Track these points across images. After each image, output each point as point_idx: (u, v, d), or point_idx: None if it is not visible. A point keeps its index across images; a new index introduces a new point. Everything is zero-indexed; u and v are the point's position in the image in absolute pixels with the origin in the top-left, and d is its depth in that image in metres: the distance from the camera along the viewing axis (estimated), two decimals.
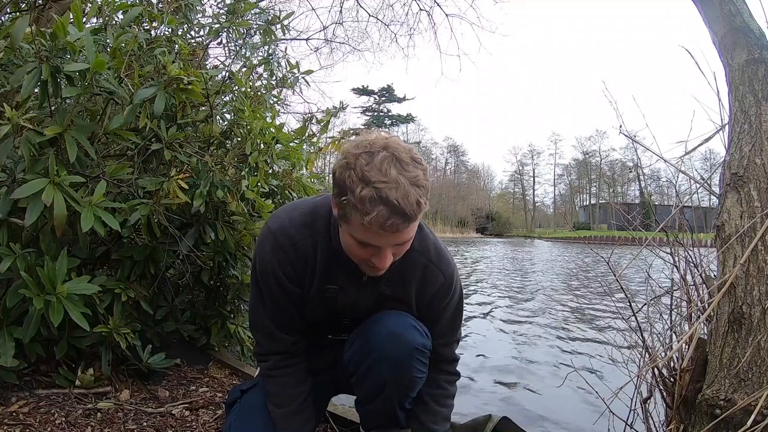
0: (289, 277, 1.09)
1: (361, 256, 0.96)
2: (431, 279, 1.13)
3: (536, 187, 69.19)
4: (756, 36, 1.49)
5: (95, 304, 1.53)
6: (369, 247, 0.93)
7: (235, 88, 1.98)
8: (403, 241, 0.93)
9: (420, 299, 1.15)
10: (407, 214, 0.85)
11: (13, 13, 1.88)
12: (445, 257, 1.14)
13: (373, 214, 0.84)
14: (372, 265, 0.97)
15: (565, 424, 2.24)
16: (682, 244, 1.62)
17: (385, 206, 0.84)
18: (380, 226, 0.85)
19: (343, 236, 0.98)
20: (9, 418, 1.37)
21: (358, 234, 0.91)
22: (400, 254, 0.99)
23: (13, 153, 1.35)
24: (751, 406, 1.05)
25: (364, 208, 0.85)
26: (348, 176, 0.87)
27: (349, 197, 0.86)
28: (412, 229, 0.92)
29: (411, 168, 0.87)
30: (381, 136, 0.91)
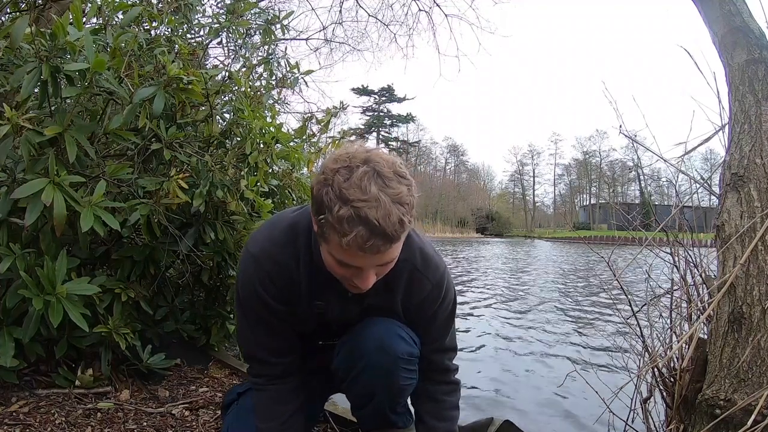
0: (277, 299, 1.05)
1: (342, 275, 0.92)
2: (418, 286, 1.08)
3: (536, 187, 69.25)
4: (756, 36, 1.49)
5: (95, 304, 1.53)
6: (350, 268, 0.88)
7: (234, 88, 1.98)
8: (385, 262, 0.88)
9: (407, 307, 1.12)
10: (388, 234, 0.79)
11: (13, 13, 1.88)
12: (432, 262, 1.09)
13: (352, 235, 0.78)
14: (354, 284, 0.93)
15: (566, 424, 2.24)
16: (682, 244, 1.62)
17: (365, 227, 0.78)
18: (359, 247, 0.80)
19: (323, 254, 0.92)
20: (9, 418, 1.37)
21: (336, 254, 0.86)
22: (384, 273, 0.94)
23: (13, 153, 1.34)
24: (751, 406, 1.05)
25: (342, 228, 0.79)
26: (325, 193, 0.81)
27: (327, 216, 0.80)
28: (395, 249, 0.86)
29: (394, 184, 0.81)
30: (362, 149, 0.85)
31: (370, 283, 0.90)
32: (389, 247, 0.82)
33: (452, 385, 1.23)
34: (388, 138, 60.75)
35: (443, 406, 1.20)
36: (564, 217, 64.49)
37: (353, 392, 1.21)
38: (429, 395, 1.19)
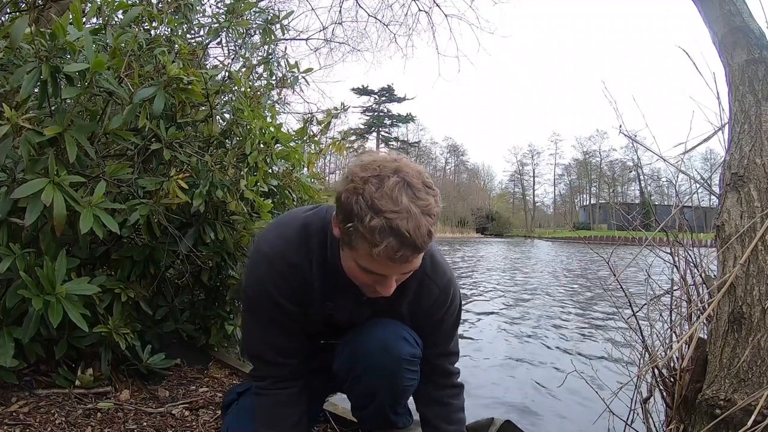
0: (290, 299, 1.05)
1: (363, 281, 0.93)
2: (426, 291, 1.10)
3: (536, 187, 69.25)
4: (756, 36, 1.49)
5: (95, 304, 1.53)
6: (373, 275, 0.89)
7: (234, 88, 1.98)
8: (409, 270, 0.91)
9: (415, 311, 1.13)
10: (418, 246, 0.81)
11: (12, 13, 1.88)
12: (440, 268, 1.11)
13: (383, 246, 0.80)
14: (374, 290, 0.94)
15: (565, 424, 2.24)
16: (682, 244, 1.62)
17: (396, 238, 0.79)
18: (389, 257, 0.81)
19: (345, 260, 0.93)
20: (9, 418, 1.37)
21: (363, 262, 0.87)
22: (403, 279, 0.96)
23: (13, 153, 1.34)
24: (751, 406, 1.05)
25: (373, 238, 0.80)
26: (356, 202, 0.81)
27: (357, 225, 0.81)
28: (420, 259, 0.89)
29: (423, 195, 0.82)
30: (390, 158, 0.86)
31: (391, 290, 0.92)
32: (417, 257, 0.85)
33: (457, 388, 1.24)
34: (388, 138, 60.75)
35: (451, 409, 1.20)
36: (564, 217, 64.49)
37: (355, 392, 1.21)
38: (436, 399, 1.20)
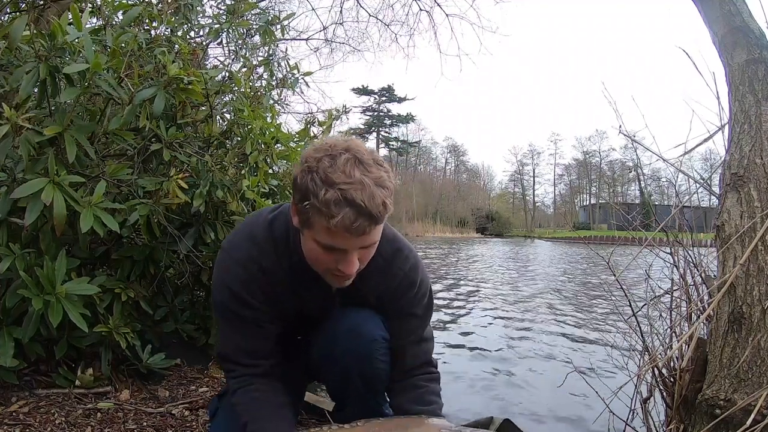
0: (260, 301, 1.06)
1: (326, 262, 0.94)
2: (391, 277, 1.11)
3: (536, 187, 69.25)
4: (756, 36, 1.49)
5: (95, 304, 1.53)
6: (334, 252, 0.91)
7: (234, 88, 1.98)
8: (369, 244, 0.92)
9: (382, 299, 1.14)
10: (374, 215, 0.84)
11: (12, 13, 1.88)
12: (402, 254, 1.12)
13: (339, 217, 0.82)
14: (338, 273, 0.95)
15: (566, 423, 2.24)
16: (682, 244, 1.62)
17: (351, 208, 0.82)
18: (346, 228, 0.83)
19: (306, 244, 0.95)
20: (9, 418, 1.37)
21: (322, 238, 0.88)
22: (366, 259, 0.97)
23: (13, 153, 1.35)
24: (750, 406, 1.05)
25: (329, 211, 0.83)
26: (310, 180, 0.84)
27: (313, 201, 0.84)
28: (377, 232, 0.91)
29: (374, 169, 0.86)
30: (341, 139, 0.90)
31: (354, 268, 0.93)
32: (374, 227, 0.87)
33: (434, 374, 1.22)
34: (388, 138, 60.76)
35: (426, 392, 1.18)
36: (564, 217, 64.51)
37: (330, 379, 1.20)
38: (410, 385, 1.18)
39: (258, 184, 1.87)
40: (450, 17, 8.12)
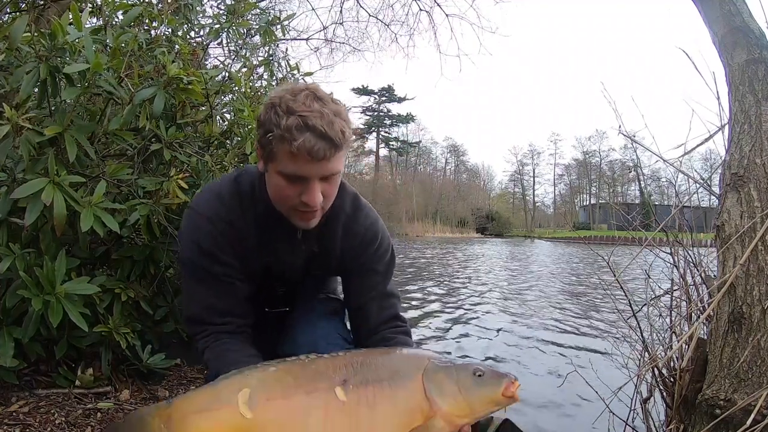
0: (229, 253, 1.07)
1: (290, 197, 0.97)
2: (353, 234, 1.15)
3: (536, 187, 69.26)
4: (756, 36, 1.49)
5: (95, 304, 1.53)
6: (298, 183, 0.94)
7: (234, 89, 1.98)
8: (330, 173, 0.95)
9: (345, 256, 1.16)
10: (333, 140, 0.90)
11: (12, 13, 1.88)
12: (362, 210, 1.17)
13: (300, 141, 0.88)
14: (302, 209, 0.98)
15: (565, 424, 2.24)
16: (682, 244, 1.62)
17: (311, 132, 0.88)
18: (308, 151, 0.88)
19: (271, 181, 0.99)
20: (9, 418, 1.37)
21: (286, 167, 0.93)
22: (328, 195, 1.00)
23: (13, 153, 1.35)
24: (750, 406, 1.05)
25: (291, 136, 0.88)
26: (273, 112, 0.91)
27: (275, 131, 0.90)
28: (338, 161, 0.95)
29: (332, 104, 0.93)
30: (301, 83, 0.97)
31: (316, 199, 0.96)
32: (334, 153, 0.92)
33: (402, 327, 1.21)
34: (388, 138, 60.77)
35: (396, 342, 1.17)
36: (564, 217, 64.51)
37: None
38: (378, 339, 1.17)
39: None
40: (450, 17, 8.14)
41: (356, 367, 0.90)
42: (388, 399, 0.87)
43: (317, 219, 1.04)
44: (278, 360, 0.93)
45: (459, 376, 0.89)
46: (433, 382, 0.89)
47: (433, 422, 0.86)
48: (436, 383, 0.89)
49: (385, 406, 0.87)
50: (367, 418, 0.85)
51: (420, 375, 0.90)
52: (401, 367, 0.92)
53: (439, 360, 0.94)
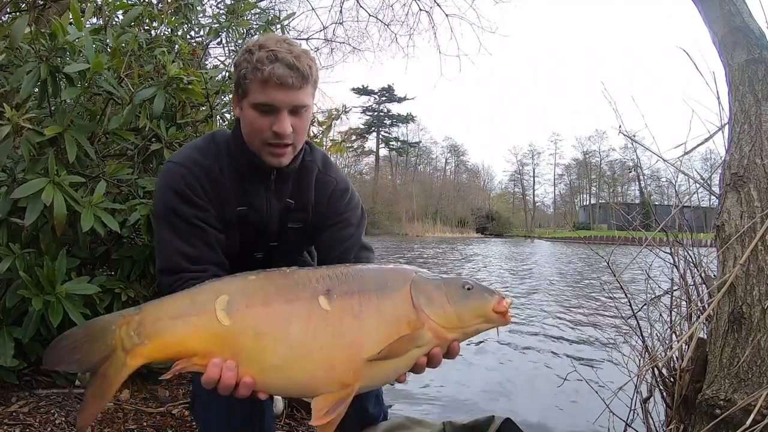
0: (204, 198, 1.07)
1: (262, 130, 1.02)
2: (324, 185, 1.20)
3: (536, 187, 69.27)
4: (756, 36, 1.49)
5: (95, 303, 1.53)
6: (269, 114, 1.00)
7: None
8: (299, 103, 1.01)
9: (319, 205, 1.20)
10: (300, 70, 0.98)
11: (13, 13, 1.88)
12: (332, 166, 1.24)
13: (270, 68, 0.96)
14: (274, 141, 1.02)
15: (566, 423, 2.24)
16: (682, 244, 1.62)
17: (280, 62, 0.96)
18: (278, 78, 0.96)
19: (245, 118, 1.04)
20: (9, 418, 1.37)
21: (257, 98, 0.99)
22: (298, 129, 1.04)
23: (13, 153, 1.35)
24: (750, 406, 1.05)
25: (261, 66, 0.96)
26: (247, 52, 1.00)
27: (247, 66, 0.98)
28: (306, 94, 1.02)
29: (300, 48, 1.03)
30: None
31: (287, 127, 1.01)
32: (301, 83, 0.99)
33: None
34: (388, 138, 60.77)
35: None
36: (564, 217, 64.50)
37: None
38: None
39: None
40: (450, 17, 8.14)
41: (341, 277, 0.88)
42: (375, 308, 0.85)
43: (288, 157, 1.07)
44: (259, 270, 0.90)
45: (448, 287, 0.87)
46: (421, 292, 0.87)
47: (420, 332, 0.84)
48: (425, 293, 0.87)
49: (370, 315, 0.85)
50: (352, 328, 0.84)
51: (407, 286, 0.88)
52: (388, 279, 0.90)
53: (426, 273, 0.92)
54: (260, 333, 0.82)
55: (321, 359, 0.82)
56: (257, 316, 0.83)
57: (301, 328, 0.82)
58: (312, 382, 0.83)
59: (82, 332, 0.84)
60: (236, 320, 0.82)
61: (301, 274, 0.89)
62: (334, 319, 0.83)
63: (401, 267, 0.96)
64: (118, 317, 0.85)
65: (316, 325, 0.83)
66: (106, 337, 0.83)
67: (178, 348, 0.83)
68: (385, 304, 0.86)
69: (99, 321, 0.86)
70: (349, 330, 0.83)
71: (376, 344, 0.82)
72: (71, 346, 0.83)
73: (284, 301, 0.85)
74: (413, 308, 0.86)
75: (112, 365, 0.85)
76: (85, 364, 0.84)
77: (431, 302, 0.86)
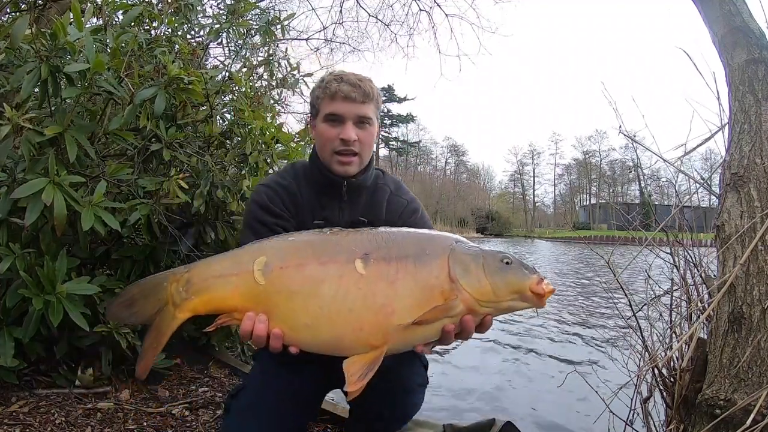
0: (284, 209, 1.21)
1: (330, 138, 1.15)
2: (396, 205, 1.29)
3: (536, 187, 69.25)
4: (756, 36, 1.48)
5: (95, 303, 1.53)
6: (336, 124, 1.15)
7: (235, 89, 1.98)
8: (363, 115, 1.15)
9: (389, 223, 1.25)
10: (363, 89, 1.14)
11: (13, 13, 1.88)
12: (404, 189, 1.35)
13: (336, 86, 1.13)
14: (341, 148, 1.15)
15: (566, 424, 2.24)
16: (682, 244, 1.62)
17: (346, 82, 1.14)
18: (344, 93, 1.13)
19: (317, 134, 1.20)
20: (9, 418, 1.37)
21: (326, 109, 1.15)
22: (364, 141, 1.17)
23: (13, 153, 1.35)
24: (750, 406, 1.05)
25: (330, 85, 1.14)
26: (320, 81, 1.19)
27: (319, 90, 1.17)
28: (370, 109, 1.16)
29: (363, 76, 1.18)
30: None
31: (352, 134, 1.14)
32: (364, 100, 1.15)
33: None
34: (388, 138, 60.72)
35: None
36: (564, 216, 64.45)
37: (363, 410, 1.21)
38: None
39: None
40: (449, 17, 8.14)
41: (381, 242, 0.90)
42: (411, 276, 0.86)
43: (355, 166, 1.19)
44: (301, 231, 0.97)
45: (486, 259, 0.87)
46: (458, 262, 0.87)
47: (453, 303, 0.84)
48: (462, 264, 0.87)
49: (405, 282, 0.86)
50: (385, 293, 0.85)
51: (446, 255, 0.88)
52: (427, 246, 0.91)
53: (465, 244, 0.92)
54: (292, 293, 0.87)
55: (350, 321, 0.85)
56: (290, 278, 0.88)
57: (332, 290, 0.86)
58: (340, 342, 0.87)
59: (137, 289, 0.95)
60: (271, 280, 0.88)
61: (341, 237, 0.93)
62: (367, 282, 0.86)
63: (442, 236, 0.96)
64: (168, 275, 0.94)
65: (348, 287, 0.86)
66: (158, 293, 0.92)
67: (221, 304, 0.91)
68: (422, 272, 0.87)
69: (152, 278, 0.96)
70: (381, 295, 0.85)
71: (407, 311, 0.84)
72: (128, 302, 0.94)
73: (318, 263, 0.88)
74: (449, 278, 0.86)
75: (164, 318, 0.93)
76: (140, 317, 0.94)
77: (467, 273, 0.86)
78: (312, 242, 0.92)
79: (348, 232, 0.95)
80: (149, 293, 0.92)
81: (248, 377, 1.26)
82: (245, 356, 2.28)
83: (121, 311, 0.93)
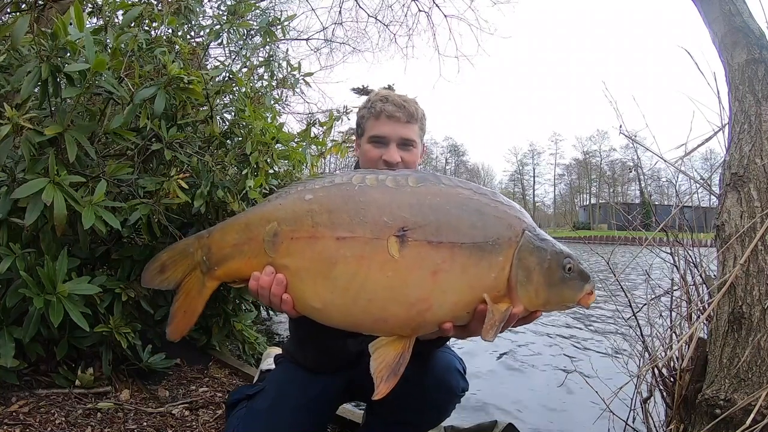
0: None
1: (374, 159, 1.16)
2: None
3: (536, 187, 69.26)
4: (756, 36, 1.49)
5: (96, 303, 1.53)
6: (380, 145, 1.16)
7: (235, 89, 1.98)
8: (406, 136, 1.16)
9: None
10: (408, 110, 1.15)
11: (13, 13, 1.88)
12: None
13: (381, 106, 1.15)
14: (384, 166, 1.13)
15: (566, 424, 2.24)
16: (682, 244, 1.62)
17: (391, 103, 1.16)
18: (388, 114, 1.14)
19: (362, 151, 1.21)
20: (9, 418, 1.37)
21: (371, 130, 1.17)
22: (407, 162, 1.18)
23: (13, 153, 1.35)
24: (750, 406, 1.05)
25: (375, 105, 1.17)
26: (366, 101, 1.21)
27: (364, 110, 1.19)
28: (413, 131, 1.18)
29: (408, 97, 1.20)
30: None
31: (395, 155, 1.15)
32: (407, 120, 1.16)
33: None
34: None
35: None
36: (564, 216, 64.44)
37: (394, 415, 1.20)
38: None
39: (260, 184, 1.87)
40: (448, 18, 8.14)
41: (426, 212, 0.68)
42: (460, 267, 0.67)
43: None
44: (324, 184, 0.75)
45: (551, 264, 0.71)
46: (522, 264, 0.70)
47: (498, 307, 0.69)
48: (526, 268, 0.70)
49: (452, 274, 0.67)
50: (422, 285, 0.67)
51: (512, 249, 0.70)
52: (491, 229, 0.70)
53: (534, 230, 0.74)
54: (301, 270, 0.73)
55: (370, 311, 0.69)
56: (300, 253, 0.73)
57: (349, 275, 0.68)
58: (356, 329, 0.75)
59: (167, 255, 0.91)
60: (279, 254, 0.76)
61: (374, 199, 0.71)
62: (400, 270, 0.67)
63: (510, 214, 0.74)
64: (194, 240, 0.89)
65: (369, 272, 0.68)
66: (186, 259, 0.89)
67: (240, 274, 0.84)
68: (477, 266, 0.68)
69: (179, 244, 0.92)
70: (417, 287, 0.67)
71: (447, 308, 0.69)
72: (159, 267, 0.91)
73: (334, 238, 0.70)
74: (506, 283, 0.70)
75: (194, 285, 0.89)
76: (172, 281, 0.91)
77: (528, 282, 0.71)
78: (331, 204, 0.72)
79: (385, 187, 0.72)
80: (177, 259, 0.89)
81: (268, 380, 1.24)
82: (246, 355, 2.28)
83: (154, 278, 0.90)
